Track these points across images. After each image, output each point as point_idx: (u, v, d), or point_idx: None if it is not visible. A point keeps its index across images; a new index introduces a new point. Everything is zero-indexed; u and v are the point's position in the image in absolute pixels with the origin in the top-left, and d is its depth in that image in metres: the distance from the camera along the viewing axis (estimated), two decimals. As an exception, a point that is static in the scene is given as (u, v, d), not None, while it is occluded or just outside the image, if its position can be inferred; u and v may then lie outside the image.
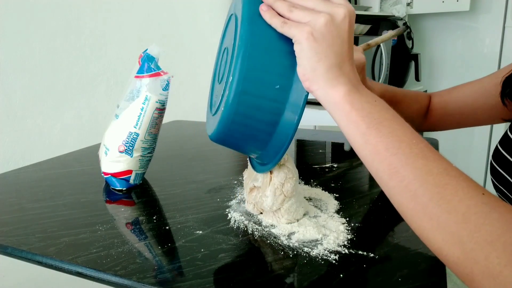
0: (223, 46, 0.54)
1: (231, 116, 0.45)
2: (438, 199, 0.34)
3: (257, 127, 0.46)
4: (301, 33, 0.40)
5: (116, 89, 1.38)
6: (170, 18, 1.58)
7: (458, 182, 0.35)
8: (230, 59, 0.46)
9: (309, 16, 0.40)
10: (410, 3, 2.18)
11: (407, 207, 0.36)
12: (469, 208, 0.33)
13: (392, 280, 0.42)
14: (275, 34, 0.44)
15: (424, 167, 0.35)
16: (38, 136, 1.19)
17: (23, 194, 0.68)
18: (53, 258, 0.47)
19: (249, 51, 0.43)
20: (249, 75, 0.43)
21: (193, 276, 0.43)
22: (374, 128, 0.38)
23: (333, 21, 0.40)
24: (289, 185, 0.52)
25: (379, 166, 0.38)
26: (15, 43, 1.11)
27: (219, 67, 0.53)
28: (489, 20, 2.17)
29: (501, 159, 0.59)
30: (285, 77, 0.44)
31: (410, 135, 0.38)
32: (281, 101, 0.45)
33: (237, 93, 0.43)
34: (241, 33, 0.44)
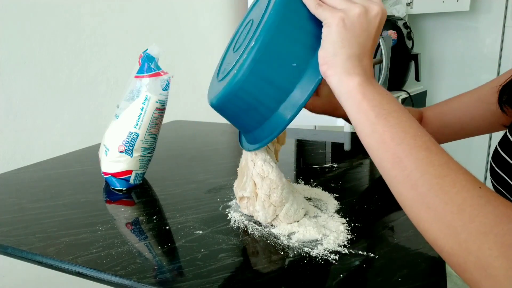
0: (248, 18, 0.53)
1: (239, 83, 0.44)
2: (437, 189, 0.35)
3: (262, 100, 0.46)
4: (333, 18, 0.41)
5: (116, 89, 1.38)
6: (170, 18, 1.58)
7: (457, 174, 0.35)
8: (254, 28, 0.46)
9: (345, 4, 0.42)
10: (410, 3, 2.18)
11: (407, 197, 0.37)
12: (465, 200, 0.34)
13: (392, 280, 0.42)
14: (306, 14, 0.44)
15: (426, 158, 0.37)
16: (38, 136, 1.19)
17: (23, 194, 0.68)
18: (53, 258, 0.47)
19: (277, 23, 0.43)
20: (271, 46, 0.43)
21: (193, 276, 0.43)
22: (383, 118, 0.39)
23: (367, 14, 0.41)
24: (275, 195, 0.52)
25: (383, 155, 0.39)
26: (15, 43, 1.11)
27: (238, 37, 0.53)
28: (489, 20, 2.17)
29: (500, 161, 0.60)
30: (303, 58, 0.44)
31: (415, 128, 0.39)
32: (292, 80, 0.45)
33: (254, 59, 0.43)
34: (276, 2, 0.44)
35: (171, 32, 1.59)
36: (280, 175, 0.53)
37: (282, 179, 0.53)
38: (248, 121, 0.50)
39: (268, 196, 0.52)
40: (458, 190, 0.34)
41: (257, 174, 0.53)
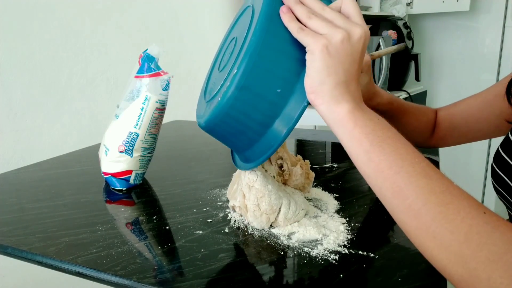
0: (232, 35, 0.53)
1: (225, 109, 0.44)
2: (441, 218, 0.34)
3: (249, 125, 0.46)
4: (316, 44, 0.40)
5: (116, 89, 1.38)
6: (170, 18, 1.58)
7: (460, 201, 0.35)
8: (237, 50, 0.45)
9: (327, 28, 0.40)
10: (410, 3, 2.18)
11: (411, 226, 0.36)
12: (471, 228, 0.33)
13: (392, 280, 0.42)
14: (289, 38, 0.43)
15: (427, 186, 0.36)
16: (38, 136, 1.19)
17: (23, 194, 0.68)
18: (53, 258, 0.47)
19: (260, 48, 0.42)
20: (254, 72, 0.43)
21: (193, 276, 0.43)
22: (377, 146, 0.38)
23: (350, 39, 0.40)
24: (264, 204, 0.51)
25: (382, 185, 0.38)
26: (15, 43, 1.11)
27: (222, 54, 0.52)
28: (489, 20, 2.17)
29: (501, 162, 0.59)
30: (288, 83, 0.44)
31: (412, 154, 0.38)
32: (279, 105, 0.44)
33: (238, 87, 0.43)
34: (256, 28, 0.43)
35: (171, 32, 1.59)
36: (265, 183, 0.52)
37: (268, 186, 0.52)
38: (238, 143, 0.50)
39: (257, 206, 0.52)
40: (463, 217, 0.34)
41: (246, 184, 0.53)
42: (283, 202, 0.53)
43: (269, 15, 0.43)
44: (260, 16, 0.43)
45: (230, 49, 0.50)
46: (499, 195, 0.61)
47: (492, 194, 2.19)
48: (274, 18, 0.43)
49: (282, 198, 0.53)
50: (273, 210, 0.52)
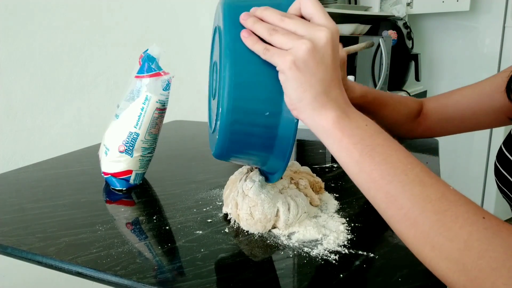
0: (213, 58, 0.53)
1: (226, 143, 0.45)
2: (439, 226, 0.33)
3: (252, 151, 0.47)
4: (284, 63, 0.38)
5: (116, 89, 1.38)
6: (170, 18, 1.58)
7: (457, 207, 0.34)
8: (219, 81, 0.45)
9: (290, 43, 0.39)
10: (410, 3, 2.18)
11: (408, 235, 0.36)
12: (471, 235, 0.32)
13: (392, 280, 0.42)
14: (260, 60, 0.42)
15: (422, 193, 0.35)
16: (38, 136, 1.19)
17: (23, 194, 0.68)
18: (53, 258, 0.47)
19: (235, 81, 0.41)
20: (238, 105, 0.42)
21: (193, 276, 0.43)
22: (368, 156, 0.37)
23: (315, 47, 0.38)
24: (257, 213, 0.51)
25: (375, 195, 0.37)
26: (15, 43, 1.11)
27: (212, 81, 0.53)
28: (489, 20, 2.17)
29: (504, 160, 0.59)
30: (274, 103, 0.43)
31: (404, 160, 0.37)
32: (273, 126, 0.44)
33: (228, 123, 0.43)
34: (225, 61, 0.42)
35: (171, 32, 1.59)
36: (258, 191, 0.52)
37: (261, 195, 0.52)
38: (253, 163, 0.51)
39: (250, 215, 0.52)
40: (462, 224, 0.33)
41: (241, 192, 0.53)
42: (280, 208, 0.52)
43: (233, 44, 0.42)
44: (225, 47, 0.42)
45: (215, 76, 0.50)
46: (503, 193, 0.61)
47: (492, 194, 2.19)
48: (239, 44, 0.42)
49: (278, 205, 0.52)
50: (267, 219, 0.51)
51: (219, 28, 0.46)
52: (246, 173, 0.58)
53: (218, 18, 0.48)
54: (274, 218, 0.52)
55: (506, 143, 0.61)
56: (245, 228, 0.53)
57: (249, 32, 0.41)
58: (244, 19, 0.42)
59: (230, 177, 0.60)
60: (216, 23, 0.50)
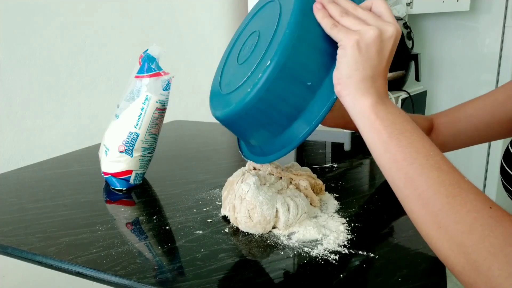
0: (250, 28, 0.53)
1: (254, 101, 0.44)
2: (448, 209, 0.36)
3: (274, 118, 0.46)
4: (349, 40, 0.41)
5: (116, 89, 1.38)
6: (170, 18, 1.58)
7: (467, 194, 0.36)
8: (265, 43, 0.45)
9: (359, 26, 0.42)
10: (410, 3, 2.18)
11: (418, 215, 0.38)
12: (475, 220, 0.34)
13: (392, 280, 0.42)
14: (320, 33, 0.44)
15: (438, 178, 0.37)
16: (38, 136, 1.19)
17: (23, 194, 0.68)
18: (53, 258, 0.47)
19: (294, 42, 0.43)
20: (287, 65, 0.43)
21: (193, 276, 0.43)
22: (395, 138, 0.40)
23: (381, 36, 0.41)
24: (256, 215, 0.51)
25: (395, 175, 0.40)
26: (15, 43, 1.11)
27: (242, 48, 0.52)
28: (489, 20, 2.17)
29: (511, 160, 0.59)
30: (318, 77, 0.45)
31: (428, 147, 0.40)
32: (307, 98, 0.45)
33: (269, 78, 0.43)
34: (290, 21, 0.43)
35: (171, 32, 1.59)
36: (256, 194, 0.52)
37: (258, 198, 0.51)
38: (257, 136, 0.50)
39: (248, 218, 0.52)
40: (469, 209, 0.35)
41: (239, 196, 0.53)
42: (280, 209, 0.52)
43: (303, 10, 0.44)
44: (294, 10, 0.44)
45: (251, 42, 0.50)
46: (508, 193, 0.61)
47: (493, 194, 2.19)
48: (307, 13, 0.44)
49: (277, 206, 0.52)
50: (267, 221, 0.51)
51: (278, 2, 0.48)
52: (242, 175, 0.57)
53: None
54: (274, 219, 0.52)
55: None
56: (245, 230, 0.53)
57: (321, 5, 0.45)
58: None
59: (228, 179, 0.60)
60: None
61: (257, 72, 0.44)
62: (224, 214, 0.57)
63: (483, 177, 2.23)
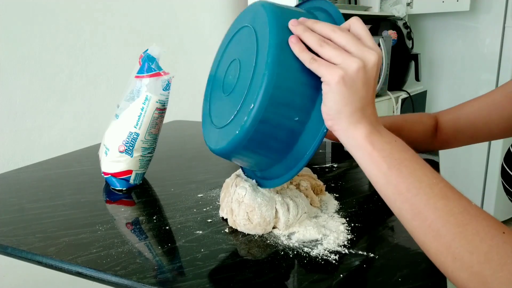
0: (231, 54, 0.52)
1: (244, 142, 0.44)
2: (460, 239, 0.35)
3: (266, 154, 0.46)
4: (332, 76, 0.40)
5: (116, 89, 1.38)
6: (170, 18, 1.58)
7: (478, 221, 0.36)
8: (248, 78, 0.45)
9: (340, 58, 0.40)
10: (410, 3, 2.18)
11: (431, 246, 0.37)
12: (491, 248, 0.34)
13: (392, 280, 0.42)
14: (301, 66, 0.43)
15: (445, 207, 0.37)
16: (38, 136, 1.19)
17: (23, 194, 0.68)
18: (53, 258, 0.47)
19: (275, 81, 0.42)
20: (271, 105, 0.42)
21: (193, 276, 0.43)
22: (395, 169, 0.39)
23: (365, 67, 0.40)
24: (256, 217, 0.51)
25: (401, 206, 0.39)
26: (15, 43, 1.11)
27: (225, 76, 0.52)
28: (489, 20, 2.17)
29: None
30: (305, 110, 0.44)
31: (430, 175, 0.39)
32: (297, 132, 0.45)
33: (255, 120, 0.42)
34: (268, 61, 0.42)
35: (171, 32, 1.59)
36: (254, 196, 0.52)
37: (257, 199, 0.51)
38: (254, 167, 0.51)
39: (248, 220, 0.52)
40: (482, 238, 0.34)
41: (236, 199, 0.53)
42: (279, 210, 0.52)
43: (279, 44, 0.43)
44: (270, 48, 0.42)
45: (234, 72, 0.49)
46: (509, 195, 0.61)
47: (493, 194, 2.19)
48: (284, 48, 0.43)
49: (276, 207, 0.52)
50: (267, 222, 0.51)
51: (253, 29, 0.47)
52: (235, 178, 0.57)
53: (252, 18, 0.48)
54: (274, 220, 0.52)
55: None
56: (245, 232, 0.53)
57: (297, 39, 0.43)
58: (294, 25, 0.43)
59: (226, 180, 0.60)
60: (246, 22, 0.50)
61: (242, 113, 0.44)
62: (222, 216, 0.57)
63: (483, 178, 2.23)
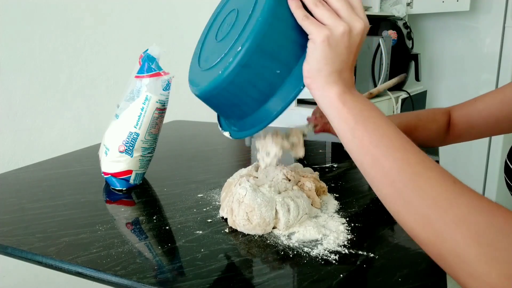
0: (230, 5, 0.54)
1: (224, 84, 0.45)
2: (413, 185, 0.37)
3: (244, 100, 0.47)
4: (319, 34, 0.42)
5: (116, 89, 1.38)
6: (170, 18, 1.58)
7: (432, 171, 0.38)
8: (241, 25, 0.46)
9: (331, 19, 0.43)
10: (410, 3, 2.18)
11: (386, 194, 0.40)
12: (439, 194, 0.36)
13: (392, 280, 0.42)
14: (293, 22, 0.45)
15: (402, 158, 0.39)
16: (38, 136, 1.19)
17: (23, 194, 0.68)
18: (53, 258, 0.47)
19: (265, 30, 0.43)
20: (257, 52, 0.44)
21: (193, 276, 0.43)
22: (362, 124, 0.42)
23: (350, 33, 0.43)
24: (256, 217, 0.51)
25: (363, 158, 0.41)
26: (15, 43, 1.11)
27: (220, 25, 0.53)
28: (489, 20, 2.17)
29: None
30: (288, 65, 0.46)
31: (393, 131, 0.42)
32: (276, 85, 0.46)
33: (240, 64, 0.44)
34: (264, 9, 0.44)
35: (171, 32, 1.59)
36: (254, 196, 0.52)
37: (257, 200, 0.51)
38: (230, 114, 0.52)
39: (247, 220, 0.52)
40: (433, 185, 0.37)
41: (236, 200, 0.53)
42: (280, 210, 0.52)
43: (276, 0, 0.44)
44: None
45: (230, 20, 0.51)
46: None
47: (493, 193, 2.19)
48: (282, 1, 0.45)
49: (276, 207, 0.52)
50: (266, 223, 0.51)
51: None
52: (239, 178, 0.57)
53: None
54: (274, 221, 0.52)
55: None
56: (244, 232, 0.53)
57: None
58: None
59: (228, 180, 0.60)
60: None
61: (229, 55, 0.45)
62: (222, 215, 0.57)
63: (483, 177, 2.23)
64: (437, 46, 2.38)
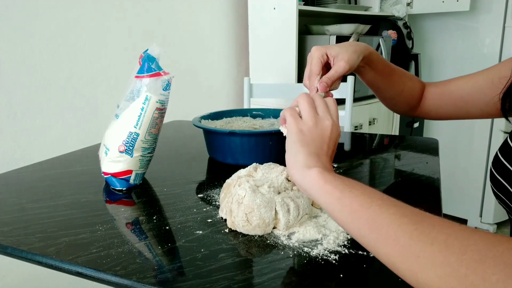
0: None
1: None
2: (418, 234, 0.35)
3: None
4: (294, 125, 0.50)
5: (116, 89, 1.38)
6: (170, 18, 1.58)
7: (431, 218, 0.36)
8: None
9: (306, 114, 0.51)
10: (410, 3, 2.18)
11: (393, 254, 0.36)
12: (449, 236, 0.33)
13: (392, 280, 0.42)
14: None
15: (398, 211, 0.38)
16: (38, 136, 1.19)
17: (23, 194, 0.68)
18: (53, 258, 0.47)
19: None
20: None
21: (193, 276, 0.43)
22: (347, 191, 0.42)
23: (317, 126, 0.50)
24: (255, 218, 0.51)
25: (358, 223, 0.40)
26: (15, 43, 1.11)
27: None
28: (489, 20, 2.17)
29: (500, 167, 0.59)
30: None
31: (380, 193, 0.42)
32: None
33: None
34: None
35: (171, 32, 1.59)
36: (253, 197, 0.52)
37: (256, 201, 0.51)
38: None
39: (246, 221, 0.51)
40: (439, 229, 0.34)
41: (236, 201, 0.53)
42: (279, 211, 0.52)
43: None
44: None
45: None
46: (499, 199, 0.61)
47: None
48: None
49: (276, 208, 0.52)
50: (265, 224, 0.51)
51: None
52: (238, 179, 0.57)
53: None
54: (274, 222, 0.52)
55: (502, 149, 0.61)
56: (244, 232, 0.53)
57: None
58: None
59: (226, 181, 0.60)
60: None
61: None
62: (222, 216, 0.57)
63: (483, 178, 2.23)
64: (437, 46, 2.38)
